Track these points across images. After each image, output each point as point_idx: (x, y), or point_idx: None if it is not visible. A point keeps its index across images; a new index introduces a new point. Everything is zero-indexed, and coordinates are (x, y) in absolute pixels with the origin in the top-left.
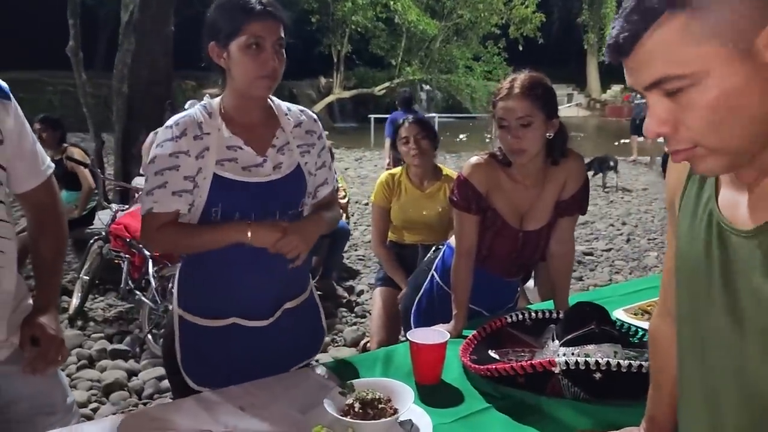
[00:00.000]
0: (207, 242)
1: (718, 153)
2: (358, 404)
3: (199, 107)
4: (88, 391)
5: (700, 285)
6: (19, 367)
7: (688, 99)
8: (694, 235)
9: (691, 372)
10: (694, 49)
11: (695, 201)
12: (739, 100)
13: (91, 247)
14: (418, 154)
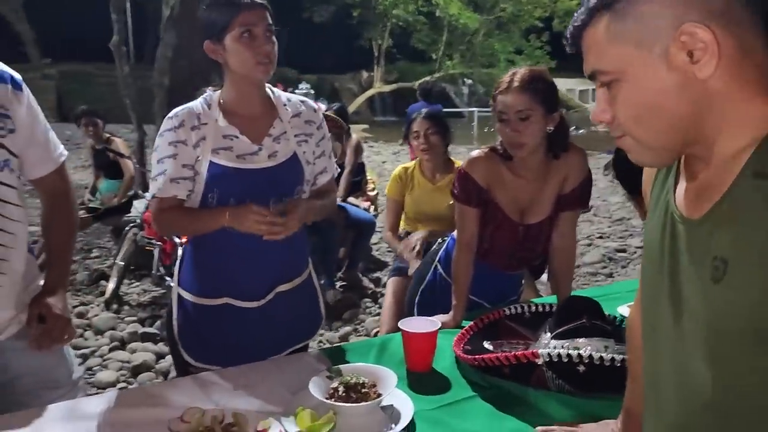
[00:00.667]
0: (197, 227)
1: (643, 146)
2: (343, 388)
3: (200, 99)
4: (118, 371)
5: (655, 273)
6: (26, 343)
7: (616, 93)
8: (653, 224)
9: (646, 358)
10: (614, 49)
11: (659, 192)
12: (657, 100)
13: (127, 234)
14: (427, 149)
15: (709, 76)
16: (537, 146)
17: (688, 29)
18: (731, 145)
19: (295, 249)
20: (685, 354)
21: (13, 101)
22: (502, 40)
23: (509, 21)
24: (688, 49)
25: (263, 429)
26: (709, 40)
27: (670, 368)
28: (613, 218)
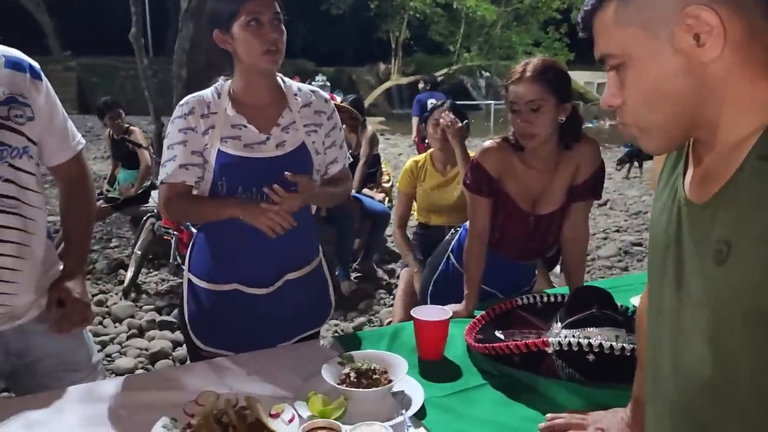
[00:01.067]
0: (206, 215)
1: (650, 131)
2: (354, 374)
3: (212, 88)
4: (136, 358)
5: (660, 257)
6: (46, 327)
7: (625, 77)
8: (661, 209)
9: (649, 342)
10: (621, 32)
11: (667, 177)
12: (662, 83)
13: (145, 223)
14: (441, 139)
15: (714, 60)
16: (548, 137)
17: (693, 12)
18: (737, 130)
19: (303, 238)
20: (685, 336)
21: (32, 90)
22: (520, 32)
23: (527, 13)
24: (693, 32)
25: (276, 413)
26: (715, 22)
27: (669, 350)
28: (629, 212)
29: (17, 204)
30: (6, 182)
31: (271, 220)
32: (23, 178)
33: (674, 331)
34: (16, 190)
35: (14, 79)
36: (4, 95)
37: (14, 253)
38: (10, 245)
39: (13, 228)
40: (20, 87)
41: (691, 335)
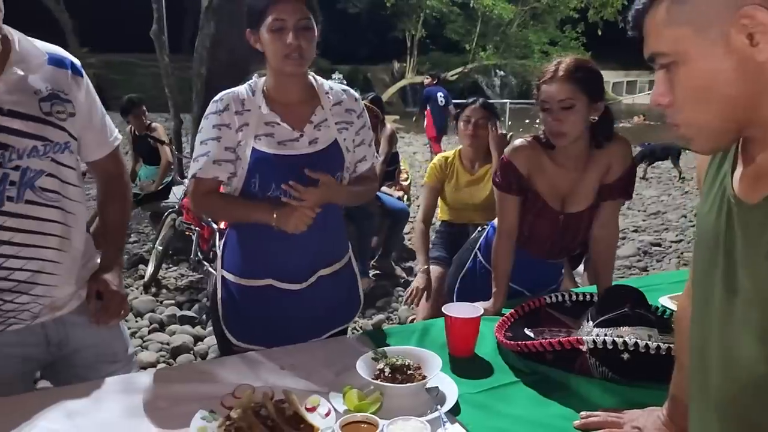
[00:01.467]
0: (237, 216)
1: (700, 131)
2: (389, 369)
3: (246, 85)
4: (158, 352)
5: (709, 255)
6: (86, 318)
7: (675, 76)
8: (708, 208)
9: (694, 339)
10: (673, 31)
11: (714, 176)
12: (714, 83)
13: (166, 219)
14: (472, 135)
15: None
16: (579, 136)
17: (748, 12)
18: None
19: (335, 234)
20: (735, 333)
21: (73, 86)
22: (536, 31)
23: (544, 11)
24: (747, 32)
25: (312, 407)
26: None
27: (718, 348)
28: (648, 212)
29: (59, 198)
30: (49, 176)
31: (300, 221)
32: (65, 173)
33: (723, 328)
34: (58, 184)
35: (56, 76)
36: (46, 91)
37: (56, 246)
38: (52, 238)
39: (55, 221)
40: (62, 83)
41: (742, 333)
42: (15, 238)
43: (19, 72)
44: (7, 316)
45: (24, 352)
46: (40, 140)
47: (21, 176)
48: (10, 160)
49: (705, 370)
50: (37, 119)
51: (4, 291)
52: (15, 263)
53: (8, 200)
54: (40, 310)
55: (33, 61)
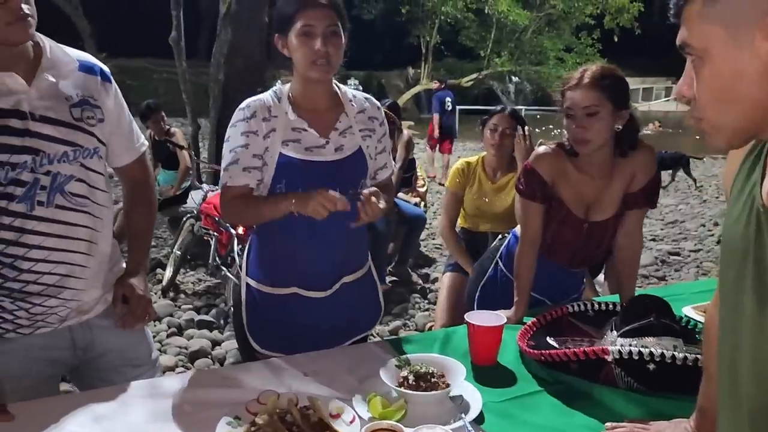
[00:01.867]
0: (264, 213)
1: (718, 128)
2: (412, 377)
3: (270, 92)
4: (176, 356)
5: (737, 264)
6: (111, 322)
7: (700, 73)
8: (736, 217)
9: (722, 346)
10: (704, 27)
11: (742, 185)
12: (736, 85)
13: (184, 224)
14: (497, 145)
15: None
16: (603, 144)
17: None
18: None
19: (357, 241)
20: (766, 341)
21: (102, 92)
22: (552, 37)
23: (559, 18)
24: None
25: (337, 414)
26: None
27: (750, 358)
28: (665, 221)
29: (87, 203)
30: (78, 181)
31: (319, 204)
32: (93, 178)
33: (756, 338)
34: (87, 189)
35: (87, 82)
36: (77, 97)
37: (84, 250)
38: (80, 242)
39: (83, 226)
40: (92, 89)
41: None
42: (45, 242)
43: (50, 78)
44: (35, 320)
45: (50, 356)
46: (70, 146)
47: (52, 181)
48: (41, 165)
49: (736, 380)
50: (68, 125)
51: (33, 294)
52: (44, 267)
53: (38, 204)
54: (67, 313)
55: (64, 68)
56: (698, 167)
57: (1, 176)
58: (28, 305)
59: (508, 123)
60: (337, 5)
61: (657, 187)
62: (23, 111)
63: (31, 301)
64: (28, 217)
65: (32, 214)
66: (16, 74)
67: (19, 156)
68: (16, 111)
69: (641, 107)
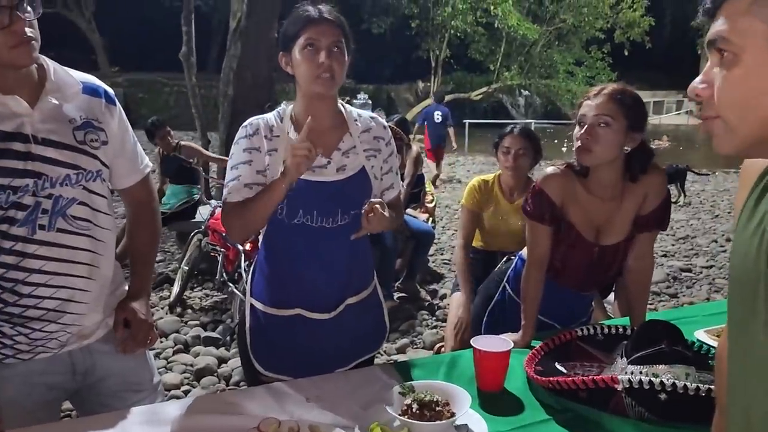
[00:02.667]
0: (262, 209)
1: (731, 131)
2: (416, 405)
3: (274, 112)
4: (182, 374)
5: (748, 298)
6: (112, 346)
7: (728, 72)
8: (746, 249)
9: (733, 383)
10: (747, 22)
11: (750, 215)
12: (764, 88)
13: (192, 239)
14: (513, 167)
15: None
16: (608, 160)
17: None
18: None
19: (362, 262)
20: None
21: (107, 115)
22: (561, 51)
23: (569, 32)
24: None
25: None
26: None
27: (762, 394)
28: (676, 236)
29: (89, 226)
30: (80, 204)
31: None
32: (96, 201)
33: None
34: (89, 212)
35: (91, 105)
36: (80, 120)
37: (85, 274)
38: (82, 266)
39: (85, 249)
40: (96, 112)
41: None
42: (45, 266)
43: (54, 101)
44: (35, 345)
45: (50, 381)
46: (72, 168)
47: (53, 204)
48: (43, 189)
49: (748, 423)
50: (71, 147)
51: (33, 320)
52: (44, 291)
53: (40, 228)
54: (68, 338)
55: (68, 90)
56: (710, 182)
57: (2, 200)
58: (28, 330)
59: (520, 143)
60: (341, 23)
61: (668, 209)
62: (26, 134)
63: (31, 326)
64: (30, 241)
65: (33, 238)
66: (20, 97)
67: (21, 179)
68: (18, 134)
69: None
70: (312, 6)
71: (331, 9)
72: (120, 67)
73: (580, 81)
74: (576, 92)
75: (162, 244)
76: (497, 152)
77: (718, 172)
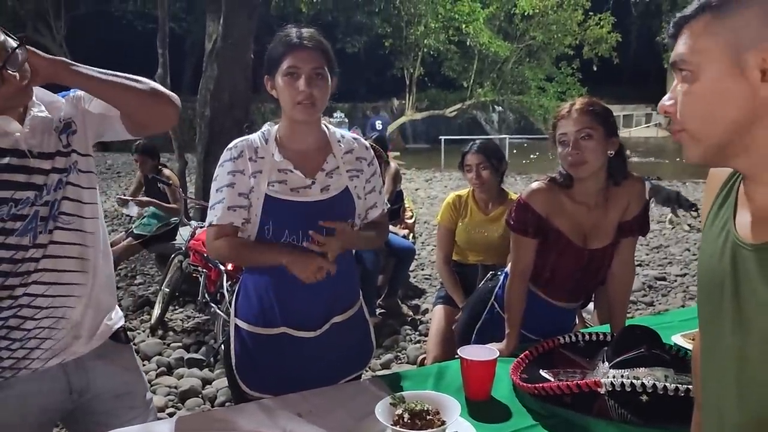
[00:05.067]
0: (254, 261)
1: (696, 141)
2: (407, 415)
3: (259, 133)
4: (166, 396)
5: (715, 296)
6: (105, 361)
7: (689, 87)
8: (712, 250)
9: (705, 378)
10: (703, 44)
11: (714, 219)
12: (721, 102)
13: (172, 261)
14: (478, 183)
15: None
16: (598, 171)
17: (765, 47)
18: None
19: (347, 280)
20: (751, 372)
21: (71, 104)
22: (532, 67)
23: (540, 49)
24: (762, 68)
25: None
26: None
27: (735, 388)
28: (650, 246)
29: (75, 219)
30: (65, 200)
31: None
32: (79, 193)
33: (740, 369)
34: (75, 206)
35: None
36: (61, 122)
37: (75, 267)
38: (72, 260)
39: (74, 243)
40: (69, 107)
41: (761, 371)
42: (38, 266)
43: (40, 114)
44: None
45: (44, 402)
46: (62, 172)
47: (49, 210)
48: (41, 198)
49: (720, 410)
50: (62, 153)
51: (27, 319)
52: (37, 289)
53: (39, 234)
54: (63, 336)
55: (51, 105)
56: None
57: (4, 212)
58: (21, 333)
59: (479, 159)
60: (324, 49)
61: (648, 216)
62: (22, 150)
63: (25, 327)
64: (28, 249)
65: (35, 243)
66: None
67: (23, 192)
68: (15, 150)
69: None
70: (295, 30)
71: (314, 33)
72: None
73: (551, 96)
74: (548, 107)
75: (141, 267)
76: (463, 170)
77: (688, 183)
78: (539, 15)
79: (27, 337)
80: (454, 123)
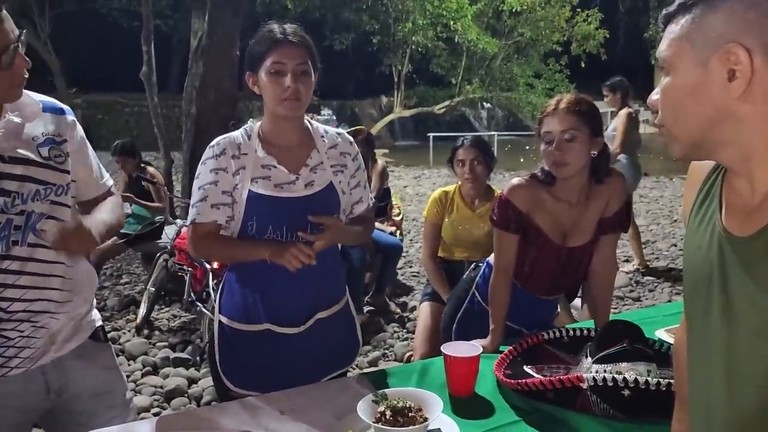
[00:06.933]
0: (236, 257)
1: (674, 137)
2: (390, 412)
3: (241, 130)
4: (151, 396)
5: (702, 289)
6: (84, 361)
7: (664, 84)
8: (698, 243)
9: (693, 372)
10: (678, 44)
11: (698, 211)
12: (689, 98)
13: (158, 260)
14: (471, 178)
15: (738, 96)
16: (581, 169)
17: (730, 48)
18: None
19: (332, 276)
20: (740, 365)
21: (67, 130)
22: (521, 64)
23: (528, 45)
24: (728, 67)
25: None
26: (746, 64)
27: (722, 380)
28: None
29: None
30: (49, 218)
31: (294, 257)
32: (65, 213)
33: (727, 361)
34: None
35: (51, 122)
36: (43, 137)
37: (59, 286)
38: (55, 279)
39: (57, 262)
40: (57, 128)
41: (748, 363)
42: (19, 281)
43: (15, 119)
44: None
45: (22, 403)
46: (41, 184)
47: (26, 220)
48: (14, 206)
49: (709, 403)
50: (37, 164)
51: (7, 330)
52: (18, 306)
53: (14, 244)
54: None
55: (27, 110)
56: (668, 188)
57: None
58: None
59: (473, 153)
60: (308, 44)
61: (629, 212)
62: None
63: (6, 335)
64: (3, 258)
65: (8, 254)
66: None
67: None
68: None
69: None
70: (278, 26)
71: (297, 28)
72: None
73: (539, 93)
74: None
75: (127, 266)
76: (453, 166)
77: (675, 179)
78: (527, 11)
79: (5, 345)
80: (443, 120)
